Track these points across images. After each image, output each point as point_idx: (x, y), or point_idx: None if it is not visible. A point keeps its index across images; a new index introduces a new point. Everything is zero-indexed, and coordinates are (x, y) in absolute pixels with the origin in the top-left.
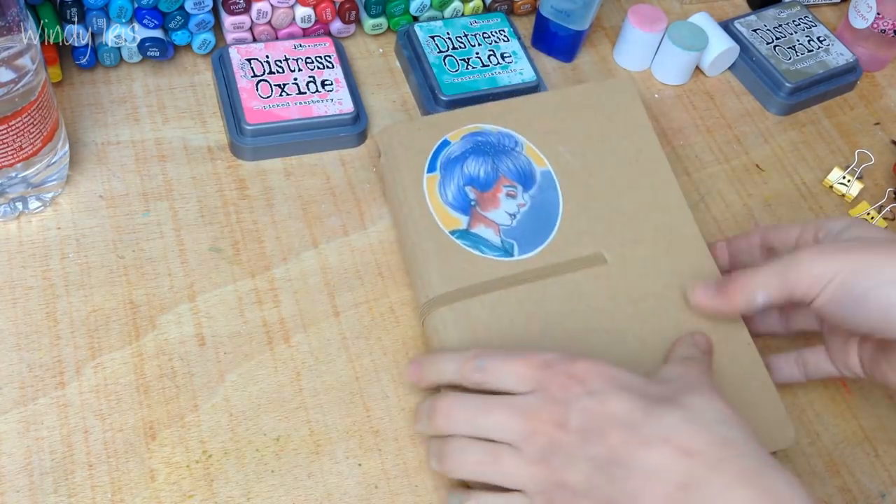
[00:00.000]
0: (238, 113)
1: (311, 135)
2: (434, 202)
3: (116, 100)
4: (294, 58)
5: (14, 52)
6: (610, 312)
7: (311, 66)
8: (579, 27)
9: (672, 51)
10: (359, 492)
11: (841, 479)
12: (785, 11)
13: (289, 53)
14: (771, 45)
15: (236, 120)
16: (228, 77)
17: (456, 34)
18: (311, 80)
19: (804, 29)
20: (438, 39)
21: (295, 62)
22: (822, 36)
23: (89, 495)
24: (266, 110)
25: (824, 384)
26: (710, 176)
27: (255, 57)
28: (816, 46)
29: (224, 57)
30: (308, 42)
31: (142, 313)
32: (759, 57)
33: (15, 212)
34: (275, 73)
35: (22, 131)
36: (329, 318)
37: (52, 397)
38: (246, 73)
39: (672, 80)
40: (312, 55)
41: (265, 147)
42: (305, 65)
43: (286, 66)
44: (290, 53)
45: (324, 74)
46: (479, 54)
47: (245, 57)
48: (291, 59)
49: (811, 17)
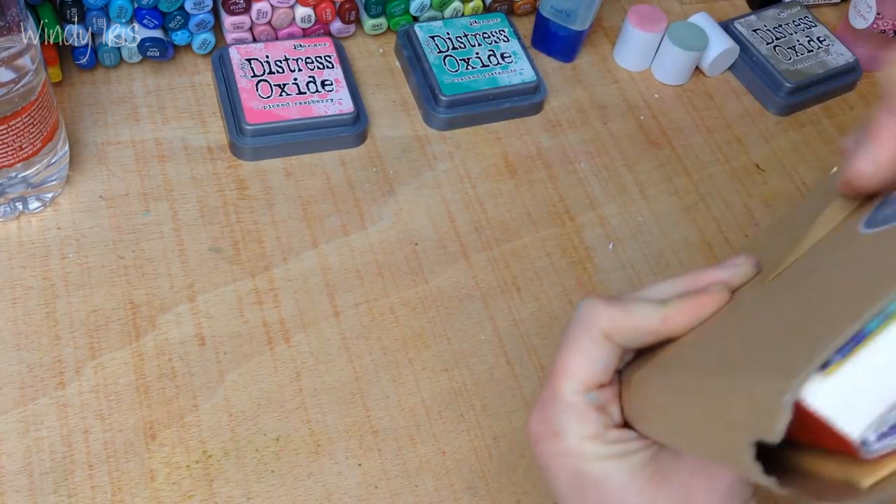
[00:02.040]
0: (238, 113)
1: (311, 135)
2: None
3: (116, 100)
4: (294, 58)
5: (14, 52)
6: None
7: (312, 66)
8: (579, 27)
9: (672, 51)
10: (359, 492)
11: None
12: (785, 11)
13: (289, 53)
14: (771, 45)
15: (236, 120)
16: (228, 77)
17: (456, 34)
18: (311, 80)
19: (804, 29)
20: (438, 39)
21: (295, 62)
22: (822, 36)
23: (89, 495)
24: (266, 110)
25: None
26: (710, 176)
27: (255, 57)
28: (816, 46)
29: (224, 57)
30: (308, 42)
31: (142, 313)
32: (759, 57)
33: (15, 212)
34: (275, 72)
35: (22, 131)
36: (329, 318)
37: (52, 397)
38: (246, 73)
39: (672, 80)
40: (312, 55)
41: (265, 147)
42: (305, 65)
43: (286, 65)
44: (291, 53)
45: (324, 74)
46: (479, 54)
47: (245, 57)
48: (291, 58)
49: (811, 18)
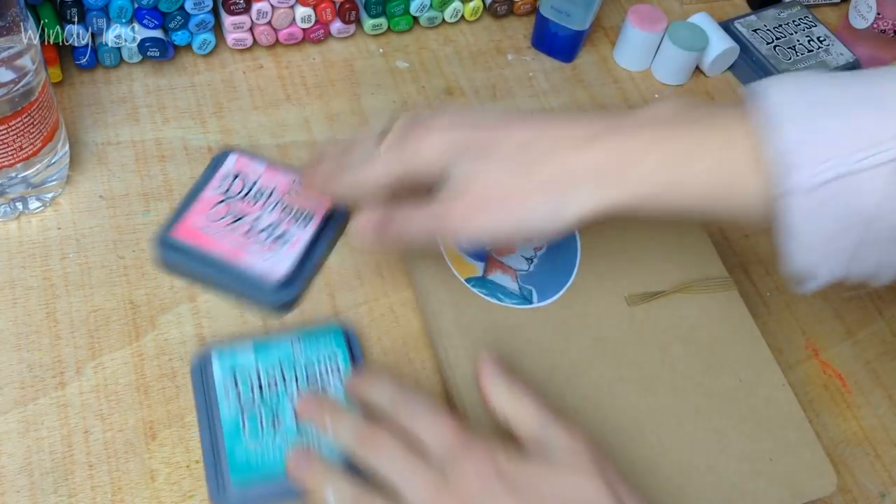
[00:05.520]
0: (177, 216)
1: (223, 279)
2: (448, 249)
3: (116, 100)
4: (279, 199)
5: (14, 52)
6: (637, 360)
7: (287, 214)
8: (579, 27)
9: (672, 51)
10: None
11: (841, 479)
12: (785, 11)
13: (281, 188)
14: (771, 45)
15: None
16: (199, 182)
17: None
18: (271, 227)
19: (804, 29)
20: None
21: (276, 201)
22: (823, 36)
23: (89, 495)
24: (200, 231)
25: (824, 384)
26: None
27: (245, 172)
28: (816, 46)
29: (219, 160)
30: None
31: (142, 313)
32: (759, 57)
33: (15, 212)
34: (247, 199)
35: (22, 131)
36: (329, 319)
37: (53, 397)
38: (222, 185)
39: (672, 80)
40: (297, 205)
41: (175, 264)
42: (281, 210)
43: (264, 198)
44: (282, 190)
45: (289, 230)
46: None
47: (238, 170)
48: (276, 194)
49: (811, 18)
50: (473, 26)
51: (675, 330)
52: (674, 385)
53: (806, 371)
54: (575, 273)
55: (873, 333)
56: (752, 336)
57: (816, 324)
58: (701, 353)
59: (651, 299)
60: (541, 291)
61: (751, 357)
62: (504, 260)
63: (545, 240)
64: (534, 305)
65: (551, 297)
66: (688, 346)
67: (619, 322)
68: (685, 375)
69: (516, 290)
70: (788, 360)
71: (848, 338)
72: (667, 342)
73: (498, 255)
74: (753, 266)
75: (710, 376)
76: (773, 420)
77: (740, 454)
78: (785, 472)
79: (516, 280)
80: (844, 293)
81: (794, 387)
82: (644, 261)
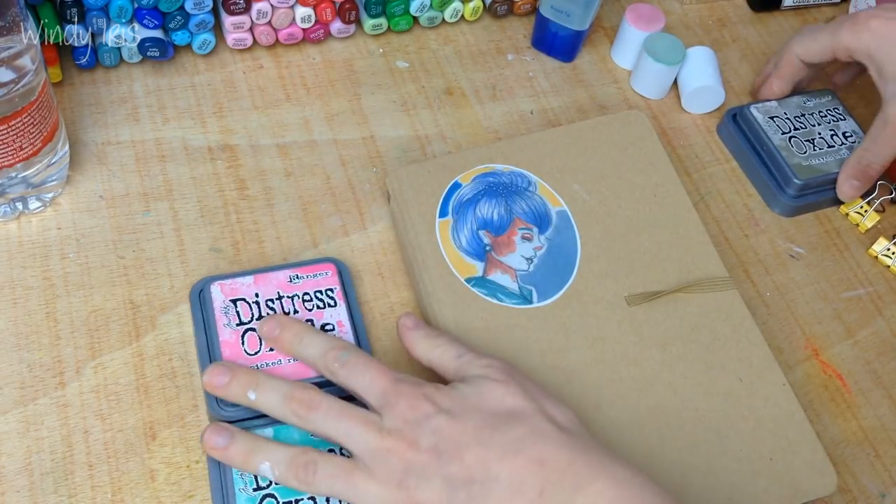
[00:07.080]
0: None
1: None
2: (448, 249)
3: (116, 100)
4: (289, 294)
5: (14, 52)
6: (637, 360)
7: (311, 304)
8: (579, 27)
9: (645, 60)
10: None
11: (841, 479)
12: (813, 100)
13: (283, 289)
14: (786, 136)
15: None
16: (209, 322)
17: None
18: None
19: (830, 122)
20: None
21: (290, 300)
22: (850, 132)
23: (89, 495)
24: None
25: (824, 384)
26: (710, 176)
27: (241, 296)
28: (839, 143)
29: (205, 295)
30: (306, 272)
31: (142, 313)
32: (770, 147)
33: (15, 212)
34: (266, 317)
35: (22, 131)
36: None
37: (53, 397)
38: (230, 321)
39: (647, 93)
40: (312, 289)
41: (240, 419)
42: (303, 303)
43: (279, 306)
44: (285, 289)
45: (324, 316)
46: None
47: (230, 297)
48: (286, 296)
49: (842, 109)
50: (473, 26)
51: (675, 330)
52: (674, 385)
53: (806, 371)
54: (575, 273)
55: (873, 333)
56: (752, 336)
57: (816, 324)
58: (701, 353)
59: (651, 299)
60: (541, 291)
61: (751, 357)
62: (504, 260)
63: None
64: (534, 305)
65: (551, 297)
66: (688, 346)
67: (619, 322)
68: (685, 375)
69: (516, 290)
70: (788, 360)
71: (848, 338)
72: (667, 342)
73: (498, 254)
74: (753, 266)
75: (710, 376)
76: (774, 420)
77: (740, 454)
78: (785, 471)
79: (516, 280)
80: (844, 293)
81: (794, 387)
82: (644, 261)
